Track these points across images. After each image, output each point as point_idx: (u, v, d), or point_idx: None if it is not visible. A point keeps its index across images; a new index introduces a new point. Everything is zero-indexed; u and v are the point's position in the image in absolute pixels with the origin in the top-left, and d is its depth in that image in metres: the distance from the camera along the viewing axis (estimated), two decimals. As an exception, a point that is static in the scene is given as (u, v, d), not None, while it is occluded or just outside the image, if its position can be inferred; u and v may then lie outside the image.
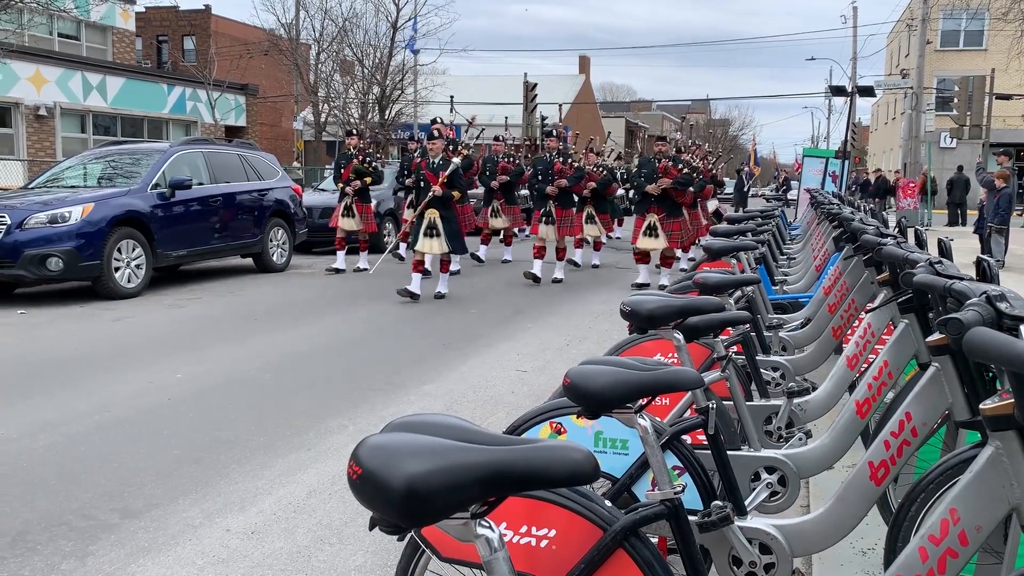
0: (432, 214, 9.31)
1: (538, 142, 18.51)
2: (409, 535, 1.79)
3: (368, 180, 11.67)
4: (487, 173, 13.41)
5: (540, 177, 11.16)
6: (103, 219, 9.17)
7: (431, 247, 9.30)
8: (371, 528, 1.16)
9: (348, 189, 11.57)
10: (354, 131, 12.75)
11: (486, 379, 5.89)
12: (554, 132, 12.85)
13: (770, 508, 2.86)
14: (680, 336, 2.58)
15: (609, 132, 30.87)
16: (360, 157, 11.77)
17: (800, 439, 3.14)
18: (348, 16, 30.53)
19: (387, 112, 30.42)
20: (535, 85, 31.84)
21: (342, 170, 11.77)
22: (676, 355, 2.64)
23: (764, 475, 2.90)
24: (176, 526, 3.48)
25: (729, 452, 2.53)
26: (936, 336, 2.15)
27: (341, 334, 7.52)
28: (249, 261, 12.02)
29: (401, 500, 1.06)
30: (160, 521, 3.53)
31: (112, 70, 24.60)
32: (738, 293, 4.13)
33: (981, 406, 1.69)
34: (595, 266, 12.98)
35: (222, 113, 27.35)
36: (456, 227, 9.49)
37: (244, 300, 9.40)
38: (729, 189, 29.26)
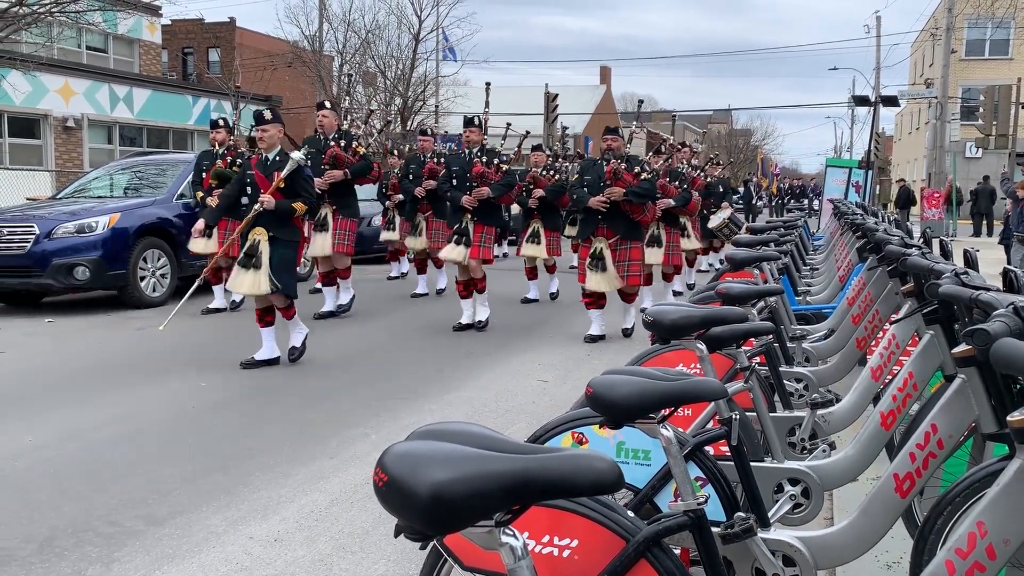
0: (258, 234, 6.37)
1: (560, 152, 17.54)
2: (432, 544, 1.80)
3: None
4: (410, 177, 10.56)
5: (454, 182, 8.07)
6: (129, 229, 9.29)
7: (245, 285, 6.29)
8: (396, 535, 1.17)
9: (208, 200, 8.55)
10: (220, 121, 9.45)
11: (507, 389, 5.90)
12: (475, 121, 8.30)
13: (793, 520, 2.84)
14: (703, 346, 2.57)
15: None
16: (229, 157, 9.02)
17: (824, 451, 3.12)
18: (371, 28, 30.75)
19: (409, 123, 30.57)
20: (556, 96, 31.90)
21: (204, 174, 9.11)
22: (699, 365, 2.63)
23: (787, 487, 2.88)
24: (200, 533, 3.51)
25: (752, 463, 2.52)
26: (962, 347, 2.13)
27: (362, 343, 7.56)
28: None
29: (426, 507, 1.07)
30: (184, 528, 3.56)
31: (139, 82, 24.93)
32: (761, 304, 4.11)
33: (1009, 418, 1.68)
34: (552, 295, 10.51)
35: (246, 124, 27.61)
36: (290, 255, 6.44)
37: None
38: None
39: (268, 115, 6.54)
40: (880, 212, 7.23)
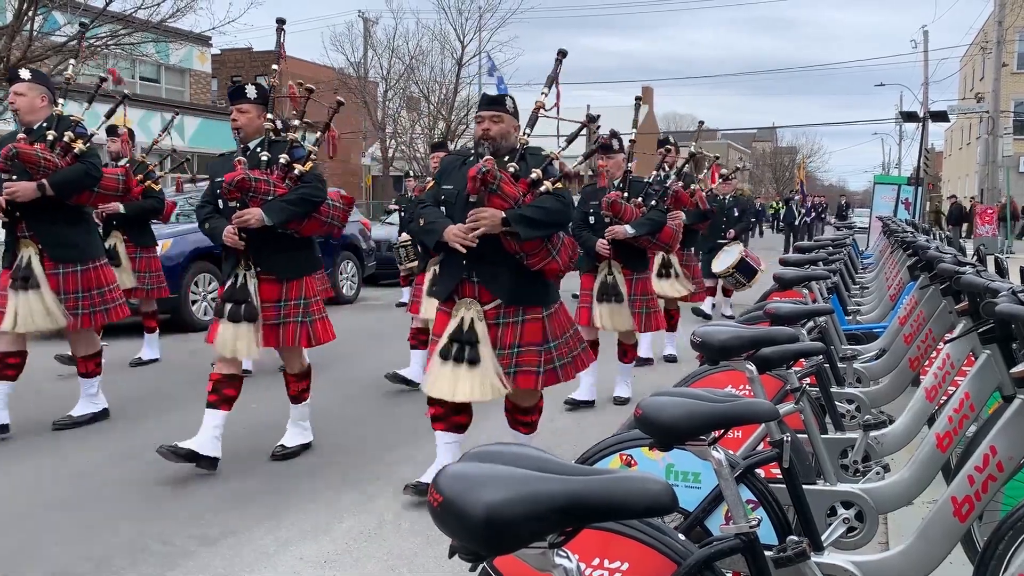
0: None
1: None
2: (481, 566, 1.81)
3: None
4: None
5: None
6: (181, 254, 9.50)
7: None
8: (451, 556, 1.18)
9: (96, 214, 6.71)
10: (118, 128, 7.35)
11: (553, 410, 5.88)
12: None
13: (847, 544, 2.79)
14: (752, 367, 2.55)
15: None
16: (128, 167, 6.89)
17: (878, 473, 3.06)
18: (414, 54, 31.23)
19: (453, 146, 30.92)
20: (598, 116, 31.93)
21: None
22: (749, 387, 2.61)
23: (840, 510, 2.83)
24: (251, 554, 3.55)
25: (804, 486, 2.48)
26: (1022, 367, 2.09)
27: (400, 366, 7.59)
28: (319, 294, 12.28)
29: (481, 528, 1.08)
30: (236, 548, 3.61)
31: (189, 110, 25.59)
32: (811, 323, 4.06)
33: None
34: None
35: (293, 150, 28.13)
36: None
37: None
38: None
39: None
40: (932, 230, 7.10)
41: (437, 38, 31.80)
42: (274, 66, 4.93)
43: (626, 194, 5.90)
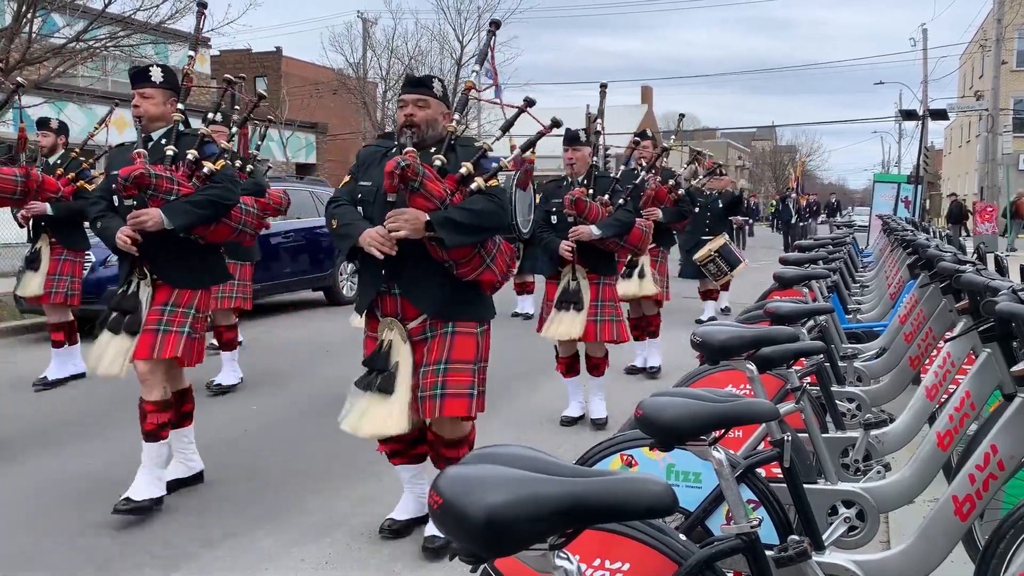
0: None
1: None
2: (481, 568, 1.81)
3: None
4: None
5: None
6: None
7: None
8: (451, 558, 1.18)
9: (20, 215, 6.59)
10: (52, 122, 6.98)
11: (554, 410, 5.88)
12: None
13: (848, 543, 2.79)
14: (753, 367, 2.55)
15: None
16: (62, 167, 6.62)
17: (878, 472, 3.06)
18: (414, 55, 31.19)
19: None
20: (597, 116, 31.93)
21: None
22: (749, 386, 2.61)
23: (842, 509, 2.83)
24: (253, 555, 3.56)
25: (805, 485, 2.48)
26: (1022, 366, 2.09)
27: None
28: (320, 294, 12.28)
29: (481, 530, 1.08)
30: (238, 551, 3.61)
31: (188, 111, 25.60)
32: (811, 322, 4.06)
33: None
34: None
35: (293, 151, 28.14)
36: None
37: (315, 332, 9.58)
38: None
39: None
40: (931, 228, 7.09)
41: (436, 38, 31.78)
42: (189, 52, 4.55)
43: (591, 191, 5.34)
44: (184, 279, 4.09)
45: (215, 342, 6.72)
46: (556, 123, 3.64)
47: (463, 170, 3.36)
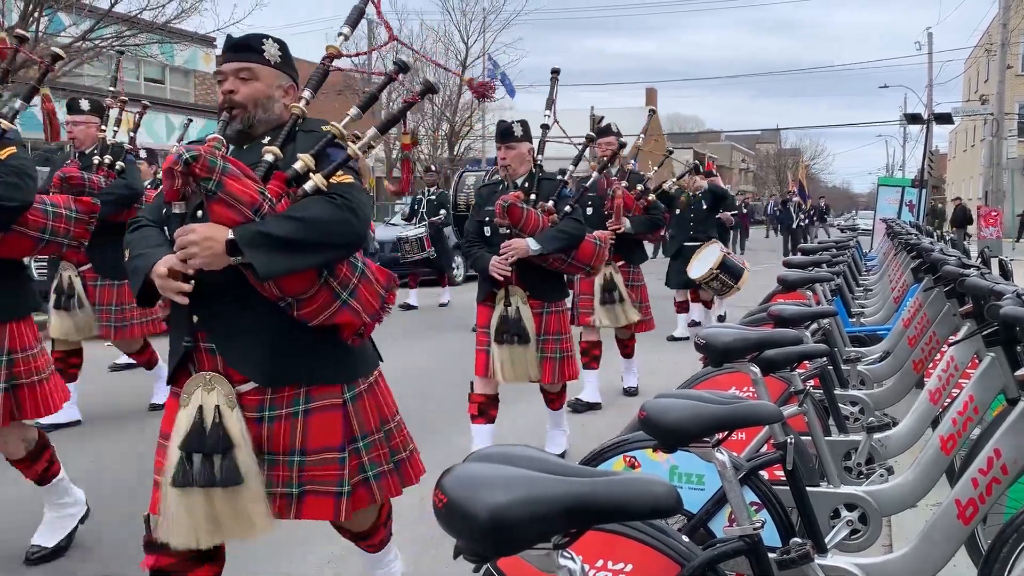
0: None
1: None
2: (485, 567, 1.81)
3: None
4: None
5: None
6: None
7: None
8: (455, 557, 1.19)
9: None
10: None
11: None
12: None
13: (850, 546, 2.79)
14: (757, 369, 2.55)
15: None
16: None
17: (881, 475, 3.06)
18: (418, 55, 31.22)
19: (456, 147, 31.00)
20: (602, 118, 31.96)
21: None
22: (753, 389, 2.61)
23: (844, 512, 2.83)
24: (258, 553, 3.55)
25: (808, 488, 2.49)
26: (1026, 370, 2.09)
27: (414, 363, 7.62)
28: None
29: (485, 529, 1.09)
30: (242, 548, 3.59)
31: (194, 111, 25.66)
32: (814, 326, 4.06)
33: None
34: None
35: (297, 151, 28.18)
36: None
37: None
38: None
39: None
40: (934, 231, 7.08)
41: (441, 40, 31.85)
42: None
43: (532, 196, 4.41)
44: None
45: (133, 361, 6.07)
46: (403, 67, 2.71)
47: (297, 164, 2.33)
